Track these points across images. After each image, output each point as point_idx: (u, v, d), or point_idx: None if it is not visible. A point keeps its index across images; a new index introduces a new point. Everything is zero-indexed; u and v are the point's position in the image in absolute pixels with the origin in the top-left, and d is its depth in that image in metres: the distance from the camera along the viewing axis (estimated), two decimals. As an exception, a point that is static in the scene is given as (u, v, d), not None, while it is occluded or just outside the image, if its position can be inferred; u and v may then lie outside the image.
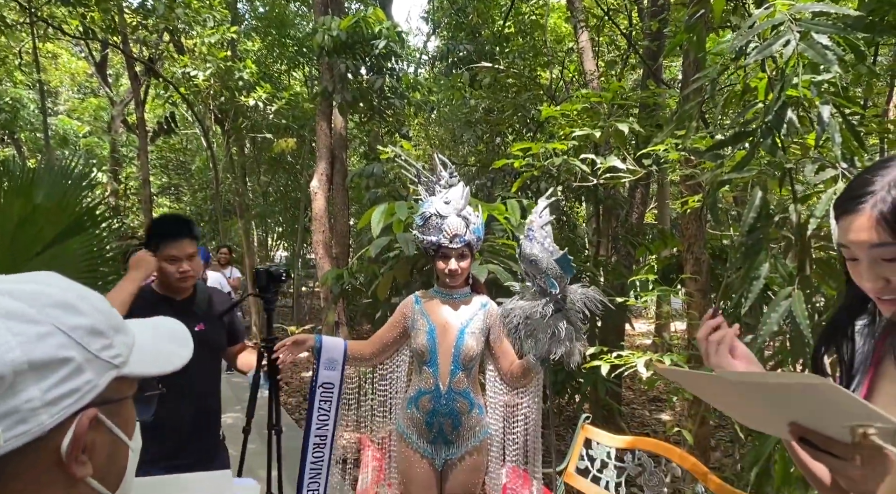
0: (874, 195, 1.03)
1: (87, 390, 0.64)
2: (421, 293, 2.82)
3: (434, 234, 2.62)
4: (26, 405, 0.59)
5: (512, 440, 2.82)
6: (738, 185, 3.25)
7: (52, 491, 0.62)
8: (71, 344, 0.63)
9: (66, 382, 0.62)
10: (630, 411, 6.79)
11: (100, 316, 0.68)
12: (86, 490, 0.65)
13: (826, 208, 1.88)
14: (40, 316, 0.62)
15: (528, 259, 2.51)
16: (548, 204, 2.65)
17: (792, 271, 2.14)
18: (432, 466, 2.69)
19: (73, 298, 0.67)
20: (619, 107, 4.95)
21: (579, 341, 2.52)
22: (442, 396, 2.63)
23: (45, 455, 0.61)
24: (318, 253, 7.87)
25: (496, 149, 8.47)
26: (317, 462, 2.74)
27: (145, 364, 0.72)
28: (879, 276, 1.05)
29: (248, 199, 13.02)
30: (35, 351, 0.60)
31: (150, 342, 0.75)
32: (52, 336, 0.62)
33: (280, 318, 14.57)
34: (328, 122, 8.09)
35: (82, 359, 0.64)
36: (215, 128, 13.36)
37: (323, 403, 2.73)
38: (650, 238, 6.51)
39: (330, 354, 2.72)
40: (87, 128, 17.13)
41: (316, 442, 2.74)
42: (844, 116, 2.07)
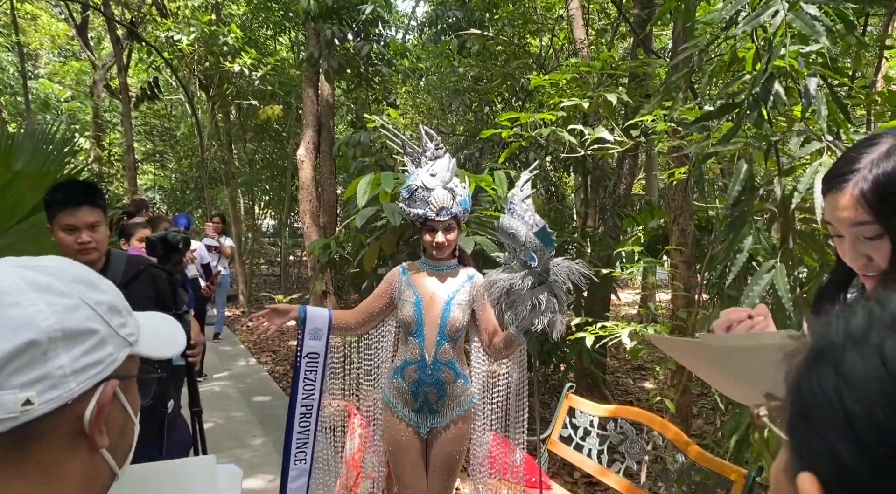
0: (857, 173, 1.04)
1: (109, 362, 0.67)
2: (408, 264, 2.82)
3: (420, 207, 2.61)
4: (57, 371, 0.62)
5: (494, 409, 2.86)
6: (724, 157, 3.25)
7: (72, 458, 0.65)
8: (96, 318, 0.67)
9: (91, 353, 0.65)
10: (614, 380, 6.89)
11: (116, 295, 0.72)
12: (100, 460, 0.68)
13: (810, 181, 1.88)
14: (68, 289, 0.66)
15: (507, 232, 2.51)
16: (530, 177, 2.65)
17: (775, 244, 2.16)
18: (417, 434, 2.73)
19: (93, 277, 0.71)
20: (609, 77, 4.91)
21: (562, 313, 2.55)
22: (427, 366, 2.65)
23: (69, 423, 0.64)
24: (305, 222, 7.83)
25: (485, 118, 8.40)
26: (304, 431, 2.76)
27: (153, 346, 0.76)
28: (861, 254, 1.07)
29: (234, 167, 12.88)
30: (67, 320, 0.64)
31: (152, 327, 0.79)
32: (80, 308, 0.66)
33: (268, 287, 14.56)
34: (315, 89, 7.98)
35: (105, 333, 0.67)
36: (200, 95, 13.14)
37: (308, 373, 2.73)
38: (637, 209, 6.53)
39: (314, 324, 2.72)
40: (69, 93, 16.79)
41: (303, 412, 2.75)
42: (831, 88, 2.06)
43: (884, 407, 0.39)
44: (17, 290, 0.63)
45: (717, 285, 4.24)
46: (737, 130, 2.11)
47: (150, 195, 17.90)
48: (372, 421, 2.94)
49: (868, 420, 0.39)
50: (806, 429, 0.42)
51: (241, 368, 7.59)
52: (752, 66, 2.14)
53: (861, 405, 0.39)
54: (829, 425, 0.40)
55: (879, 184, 1.01)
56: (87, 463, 0.66)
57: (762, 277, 1.96)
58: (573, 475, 4.39)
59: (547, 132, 3.95)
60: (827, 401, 0.41)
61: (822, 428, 0.41)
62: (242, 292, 11.92)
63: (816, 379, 0.42)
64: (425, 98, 9.96)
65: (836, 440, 0.40)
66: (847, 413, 0.40)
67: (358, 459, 3.01)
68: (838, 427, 0.40)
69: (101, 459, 0.68)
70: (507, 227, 2.50)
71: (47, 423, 0.62)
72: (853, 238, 1.06)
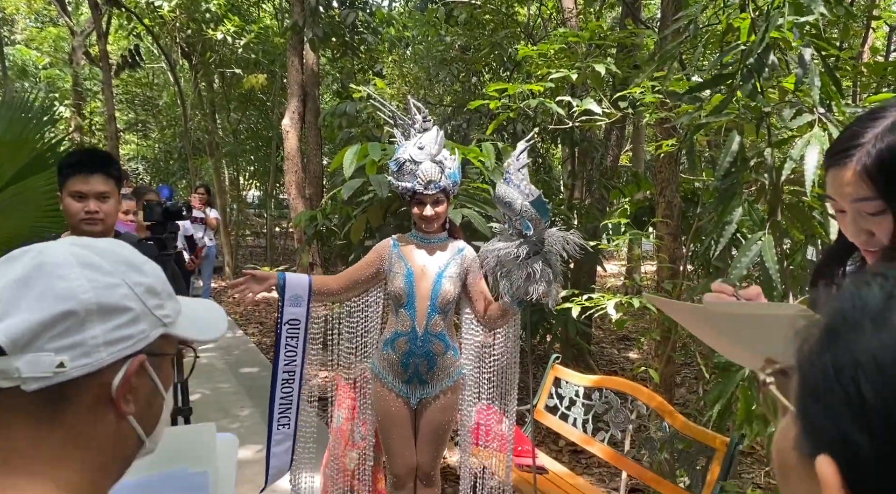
0: (861, 148, 1.02)
1: (140, 338, 0.74)
2: (398, 237, 2.81)
3: (408, 181, 2.60)
4: (91, 341, 0.69)
5: (488, 379, 2.88)
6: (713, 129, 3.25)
7: (100, 422, 0.72)
8: (133, 297, 0.74)
9: (124, 328, 0.72)
10: (599, 350, 6.96)
11: (158, 280, 0.79)
12: (126, 427, 0.74)
13: (801, 153, 1.88)
14: (112, 269, 0.73)
15: (503, 200, 2.52)
16: (526, 147, 2.64)
17: (763, 216, 2.16)
18: (407, 405, 2.75)
19: (139, 261, 0.78)
20: (597, 48, 4.87)
21: (556, 282, 2.56)
22: (418, 338, 2.66)
23: (98, 389, 0.71)
24: (290, 193, 7.76)
25: (472, 88, 8.32)
26: (286, 397, 2.77)
27: (188, 329, 0.82)
28: (863, 229, 1.05)
29: (218, 137, 12.70)
30: (104, 296, 0.71)
31: (193, 312, 0.85)
32: (119, 287, 0.73)
33: (254, 259, 14.48)
34: (299, 58, 7.84)
35: (140, 311, 0.74)
36: (182, 63, 12.88)
37: (290, 339, 2.73)
38: (624, 181, 6.53)
39: (294, 291, 2.70)
40: (47, 60, 16.39)
41: (285, 378, 2.76)
42: (825, 60, 2.05)
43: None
44: (65, 264, 0.71)
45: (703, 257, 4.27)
46: (729, 101, 2.10)
47: (133, 165, 17.64)
48: (359, 392, 2.95)
49: (884, 409, 0.37)
50: (818, 411, 0.40)
51: (227, 340, 7.58)
52: (747, 36, 2.12)
53: (876, 392, 0.37)
54: (844, 410, 0.39)
55: (883, 159, 0.99)
56: (114, 428, 0.73)
57: (750, 249, 1.97)
58: (558, 443, 4.46)
59: (535, 103, 3.92)
60: (841, 385, 0.39)
61: (835, 412, 0.39)
62: (228, 264, 11.85)
63: (831, 358, 0.40)
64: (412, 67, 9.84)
65: (849, 426, 0.38)
66: (863, 400, 0.38)
67: (346, 429, 3.03)
68: (853, 413, 0.38)
69: (127, 426, 0.74)
70: (504, 196, 2.50)
71: (77, 387, 0.69)
72: (855, 213, 1.05)
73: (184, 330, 0.81)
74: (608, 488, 3.91)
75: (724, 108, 2.19)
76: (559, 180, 8.24)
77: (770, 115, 2.31)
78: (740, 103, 2.29)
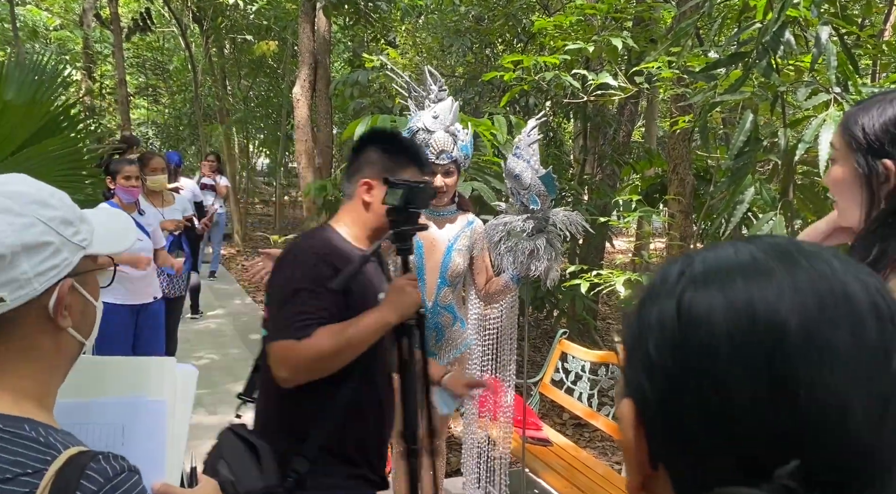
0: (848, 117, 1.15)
1: (65, 265, 0.86)
2: None
3: None
4: (22, 276, 0.82)
5: (485, 351, 2.91)
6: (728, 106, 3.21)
7: (43, 336, 0.87)
8: (49, 231, 0.85)
9: (48, 260, 0.84)
10: (605, 326, 6.99)
11: (68, 209, 0.89)
12: (67, 337, 0.89)
13: (815, 133, 1.87)
14: (24, 210, 0.83)
15: (513, 174, 2.53)
16: (538, 123, 2.64)
17: (775, 196, 2.15)
18: None
19: (46, 196, 0.88)
20: (614, 21, 4.80)
21: (557, 261, 2.58)
22: (427, 310, 2.66)
23: (38, 312, 0.85)
24: (300, 162, 7.76)
25: (485, 60, 8.22)
26: None
27: (103, 244, 0.94)
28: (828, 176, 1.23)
29: (228, 104, 12.66)
30: (24, 237, 0.82)
31: (103, 225, 0.96)
32: (35, 226, 0.83)
33: (262, 227, 14.53)
34: (311, 25, 7.77)
35: (59, 243, 0.85)
36: (193, 27, 12.78)
37: None
38: (636, 157, 6.48)
39: None
40: (58, 21, 16.29)
41: None
42: (842, 39, 2.02)
43: (671, 354, 0.44)
44: None
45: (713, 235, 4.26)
46: (745, 79, 2.08)
47: (143, 130, 17.60)
48: None
49: (660, 365, 0.45)
50: (628, 364, 0.49)
51: (236, 306, 7.65)
52: (763, 14, 2.09)
53: (656, 349, 0.45)
54: (639, 364, 0.47)
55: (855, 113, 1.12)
56: (56, 339, 0.88)
57: (761, 229, 1.96)
58: (562, 416, 4.51)
59: (550, 76, 3.88)
60: (640, 344, 0.47)
61: (635, 365, 0.47)
62: (237, 231, 11.89)
63: (637, 322, 0.48)
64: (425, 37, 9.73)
65: (642, 376, 0.46)
66: (647, 355, 0.46)
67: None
68: (643, 366, 0.46)
69: (67, 335, 0.89)
70: (513, 169, 2.51)
71: (19, 313, 0.83)
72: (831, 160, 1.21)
73: (100, 247, 0.93)
74: (610, 461, 3.96)
75: (740, 87, 2.17)
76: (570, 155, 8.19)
77: (785, 94, 2.28)
78: (755, 82, 2.26)
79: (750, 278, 0.43)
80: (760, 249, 0.46)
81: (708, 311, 0.43)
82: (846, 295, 0.42)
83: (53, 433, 0.82)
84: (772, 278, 0.43)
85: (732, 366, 0.41)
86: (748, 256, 0.45)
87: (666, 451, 0.46)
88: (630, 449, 0.48)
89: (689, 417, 0.43)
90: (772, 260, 0.44)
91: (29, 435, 0.80)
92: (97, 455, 0.81)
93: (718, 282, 0.44)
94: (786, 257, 0.44)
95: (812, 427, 0.40)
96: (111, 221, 1.01)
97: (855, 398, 0.40)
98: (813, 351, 0.40)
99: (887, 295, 0.43)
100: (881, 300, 0.43)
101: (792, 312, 0.41)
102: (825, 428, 0.40)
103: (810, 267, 0.43)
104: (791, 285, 0.42)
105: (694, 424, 0.43)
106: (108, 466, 0.80)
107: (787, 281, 0.43)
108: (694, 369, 0.43)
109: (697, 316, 0.43)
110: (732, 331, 0.42)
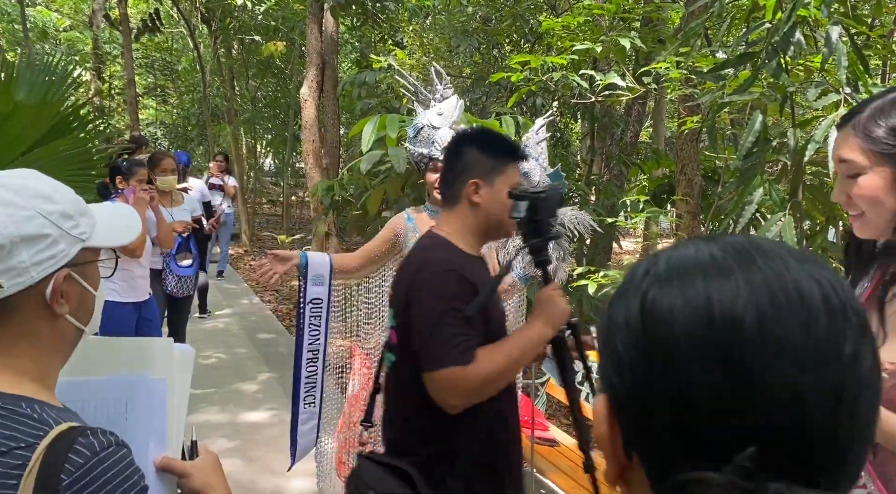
0: (860, 115, 1.11)
1: (62, 256, 0.91)
2: (412, 210, 2.80)
3: (425, 146, 2.59)
4: (20, 264, 0.87)
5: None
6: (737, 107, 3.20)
7: (41, 321, 0.92)
8: (48, 224, 0.90)
9: (46, 250, 0.89)
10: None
11: (69, 203, 0.94)
12: (65, 323, 0.94)
13: (825, 134, 1.86)
14: (25, 203, 0.89)
15: (523, 172, 2.52)
16: (546, 122, 2.64)
17: (784, 196, 2.15)
18: None
19: (49, 190, 0.93)
20: (622, 21, 4.80)
21: (565, 260, 2.58)
22: None
23: (35, 298, 0.90)
24: (307, 162, 7.77)
25: (492, 60, 8.22)
26: (311, 376, 2.78)
27: (104, 237, 0.98)
28: (843, 191, 1.14)
29: (236, 104, 12.69)
30: (24, 228, 0.87)
31: (107, 221, 1.00)
32: (35, 218, 0.88)
33: (270, 227, 14.56)
34: (319, 25, 7.78)
35: (57, 235, 0.90)
36: (202, 28, 12.83)
37: (313, 318, 2.73)
38: (643, 157, 6.46)
39: (316, 270, 2.69)
40: (68, 22, 16.38)
41: (309, 357, 2.76)
42: (853, 39, 2.01)
43: (637, 351, 0.47)
44: None
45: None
46: (754, 80, 2.07)
47: (151, 130, 17.69)
48: (374, 363, 2.98)
49: (627, 361, 0.48)
50: (600, 358, 0.52)
51: (244, 306, 7.67)
52: (773, 14, 2.08)
53: (624, 346, 0.48)
54: (609, 360, 0.50)
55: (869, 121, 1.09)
56: (54, 324, 0.93)
57: (770, 229, 1.96)
58: (569, 417, 4.50)
59: (557, 76, 3.88)
60: (609, 341, 0.50)
61: (606, 362, 0.51)
62: (245, 231, 11.93)
63: (607, 320, 0.51)
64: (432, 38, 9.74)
65: (612, 372, 0.50)
66: (615, 351, 0.49)
67: (360, 397, 3.08)
68: (612, 362, 0.49)
69: (65, 321, 0.94)
70: (524, 167, 2.51)
71: (18, 300, 0.89)
72: (841, 175, 1.14)
73: (102, 240, 0.98)
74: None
75: (749, 87, 2.17)
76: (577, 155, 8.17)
77: (795, 95, 2.28)
78: (765, 82, 2.26)
79: (709, 277, 0.46)
80: (720, 248, 0.48)
81: (669, 309, 0.46)
82: (799, 291, 0.44)
83: (49, 410, 0.88)
84: (729, 277, 0.45)
85: (692, 361, 0.44)
86: (708, 256, 0.48)
87: (637, 441, 0.49)
88: (606, 442, 0.52)
89: (655, 409, 0.46)
90: (730, 258, 0.47)
91: (24, 412, 0.86)
92: (87, 430, 0.86)
93: (679, 281, 0.47)
94: (743, 256, 0.47)
95: (767, 415, 0.43)
96: (116, 215, 1.05)
97: (807, 387, 0.43)
98: (766, 344, 0.43)
99: (841, 290, 0.46)
100: (834, 295, 0.45)
101: (747, 309, 0.44)
102: (780, 416, 0.43)
103: (766, 266, 0.46)
104: (747, 283, 0.45)
105: (660, 415, 0.46)
106: (95, 440, 0.85)
107: (743, 280, 0.45)
108: (658, 364, 0.46)
109: (660, 314, 0.46)
110: (692, 328, 0.45)
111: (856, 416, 0.44)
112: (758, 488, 0.41)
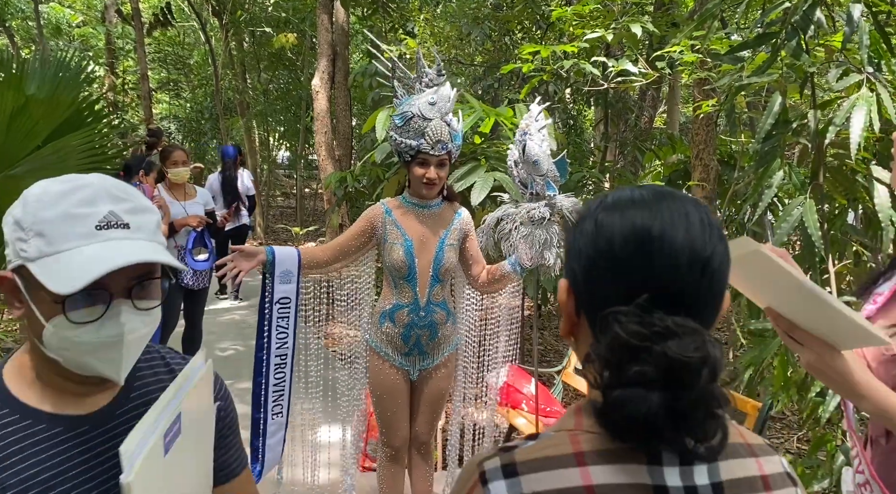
0: None
1: (10, 259, 0.90)
2: (390, 202, 2.62)
3: (414, 138, 2.43)
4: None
5: (505, 339, 2.88)
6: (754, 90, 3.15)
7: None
8: (7, 225, 0.90)
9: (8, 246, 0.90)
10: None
11: (31, 217, 0.88)
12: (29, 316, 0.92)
13: (847, 115, 1.82)
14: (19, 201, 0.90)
15: (532, 160, 2.46)
16: (542, 108, 2.58)
17: (804, 180, 2.10)
18: (406, 377, 2.65)
19: (30, 197, 0.90)
20: (634, 5, 4.73)
21: (560, 247, 2.52)
22: (421, 309, 2.54)
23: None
24: (320, 154, 7.76)
25: (504, 48, 8.16)
26: (279, 383, 2.59)
27: (46, 275, 0.85)
28: None
29: (248, 97, 12.71)
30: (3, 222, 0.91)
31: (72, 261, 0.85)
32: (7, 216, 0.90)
33: (284, 219, 14.62)
34: (329, 16, 7.76)
35: (10, 239, 0.89)
36: (213, 21, 12.84)
37: (281, 320, 2.54)
38: (658, 143, 6.40)
39: (284, 266, 2.51)
40: (81, 18, 16.47)
41: (277, 363, 2.56)
42: (875, 17, 1.96)
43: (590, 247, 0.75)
44: None
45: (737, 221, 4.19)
46: (773, 61, 2.03)
47: (165, 124, 17.77)
48: (351, 362, 2.85)
49: (584, 253, 0.76)
50: (566, 257, 0.81)
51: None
52: (792, -8, 2.03)
53: (583, 245, 0.76)
54: (572, 254, 0.78)
55: None
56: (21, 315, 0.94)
57: (791, 213, 1.92)
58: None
59: (569, 64, 3.83)
60: (575, 242, 0.78)
61: (569, 256, 0.79)
62: (259, 224, 11.98)
63: (574, 231, 0.80)
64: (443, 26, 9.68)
65: (574, 261, 0.78)
66: (577, 249, 0.77)
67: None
68: (574, 254, 0.78)
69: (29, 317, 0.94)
70: (533, 155, 2.45)
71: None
72: None
73: (41, 273, 0.85)
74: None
75: (767, 68, 2.12)
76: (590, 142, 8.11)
77: (815, 76, 2.23)
78: (784, 63, 2.21)
79: (637, 207, 0.75)
80: (647, 191, 0.77)
81: (611, 224, 0.74)
82: (686, 215, 0.73)
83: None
84: (648, 207, 0.74)
85: (621, 248, 0.73)
86: (638, 195, 0.76)
87: (585, 303, 0.77)
88: (564, 307, 0.81)
89: (597, 279, 0.75)
90: (650, 197, 0.75)
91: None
92: None
93: (619, 209, 0.75)
94: (659, 196, 0.76)
95: (658, 278, 0.71)
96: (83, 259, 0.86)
97: (683, 264, 0.71)
98: (663, 240, 0.71)
99: (710, 217, 0.74)
100: (706, 218, 0.74)
101: (654, 223, 0.72)
102: (668, 278, 0.71)
103: (671, 203, 0.74)
104: (658, 210, 0.73)
105: (600, 282, 0.74)
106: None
107: (656, 209, 0.73)
108: (601, 252, 0.74)
109: (606, 227, 0.75)
110: (623, 232, 0.73)
111: (712, 283, 0.72)
112: (647, 314, 0.69)
